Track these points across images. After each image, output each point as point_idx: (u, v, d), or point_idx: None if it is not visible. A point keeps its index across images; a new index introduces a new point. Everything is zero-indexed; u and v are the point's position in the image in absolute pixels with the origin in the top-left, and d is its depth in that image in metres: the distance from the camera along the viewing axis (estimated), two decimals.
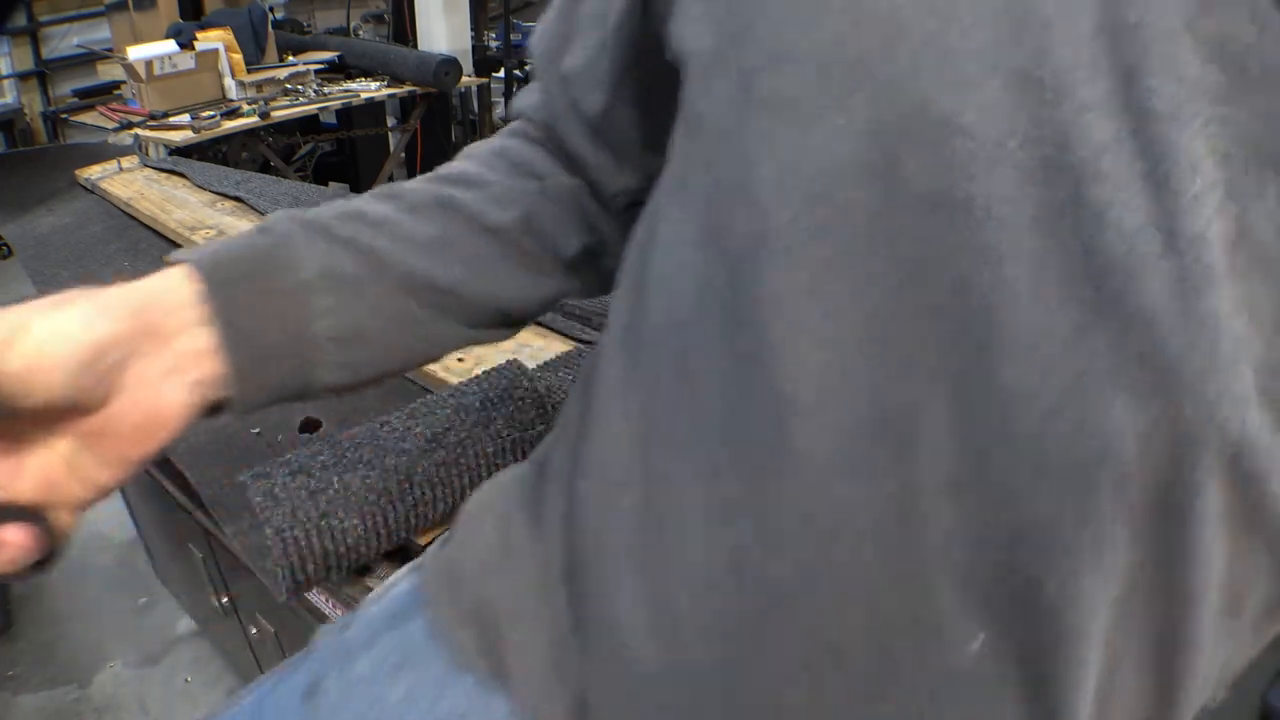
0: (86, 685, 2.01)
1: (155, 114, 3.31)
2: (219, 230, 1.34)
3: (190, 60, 3.39)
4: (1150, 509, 0.31)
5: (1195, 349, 0.28)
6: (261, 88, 3.65)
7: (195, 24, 3.73)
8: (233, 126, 3.32)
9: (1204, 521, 0.31)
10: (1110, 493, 0.30)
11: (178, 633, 2.17)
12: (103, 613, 2.24)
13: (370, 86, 3.97)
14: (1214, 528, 0.31)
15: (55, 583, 2.34)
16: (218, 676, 2.04)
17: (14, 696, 1.98)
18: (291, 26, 5.33)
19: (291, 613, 1.13)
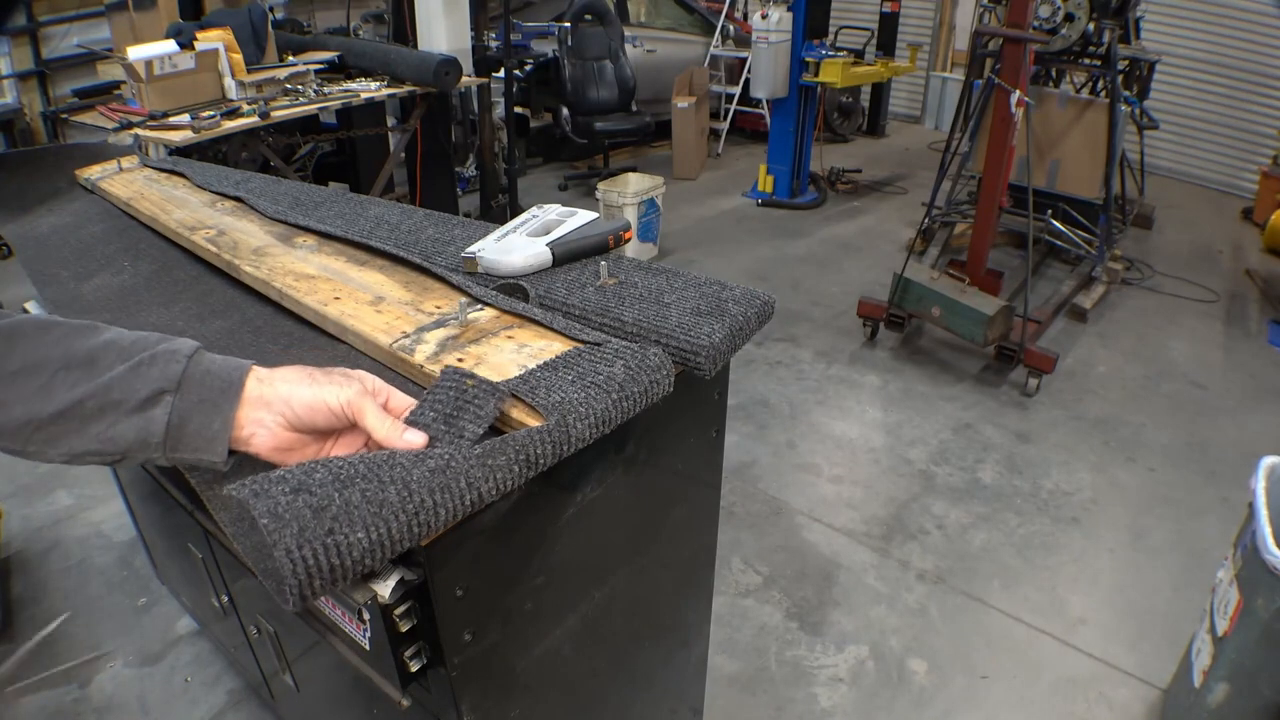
0: (86, 685, 2.01)
1: (155, 114, 3.31)
2: (219, 230, 1.34)
3: (190, 60, 3.39)
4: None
5: None
6: (261, 88, 3.65)
7: (195, 24, 3.73)
8: (233, 126, 3.32)
9: None
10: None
11: (178, 633, 2.18)
12: (103, 613, 2.24)
13: (370, 86, 3.97)
14: None
15: (55, 583, 2.34)
16: (217, 676, 2.04)
17: (14, 697, 1.98)
18: (291, 26, 5.33)
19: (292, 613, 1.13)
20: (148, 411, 0.68)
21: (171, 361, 0.70)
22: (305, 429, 0.72)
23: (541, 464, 0.75)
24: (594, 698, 1.15)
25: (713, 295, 1.06)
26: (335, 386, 0.72)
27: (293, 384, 0.72)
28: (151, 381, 0.68)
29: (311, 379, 0.72)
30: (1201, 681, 1.76)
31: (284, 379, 0.72)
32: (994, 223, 3.66)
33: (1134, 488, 2.87)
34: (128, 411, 0.67)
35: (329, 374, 0.74)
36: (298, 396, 0.71)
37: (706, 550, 1.32)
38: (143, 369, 0.69)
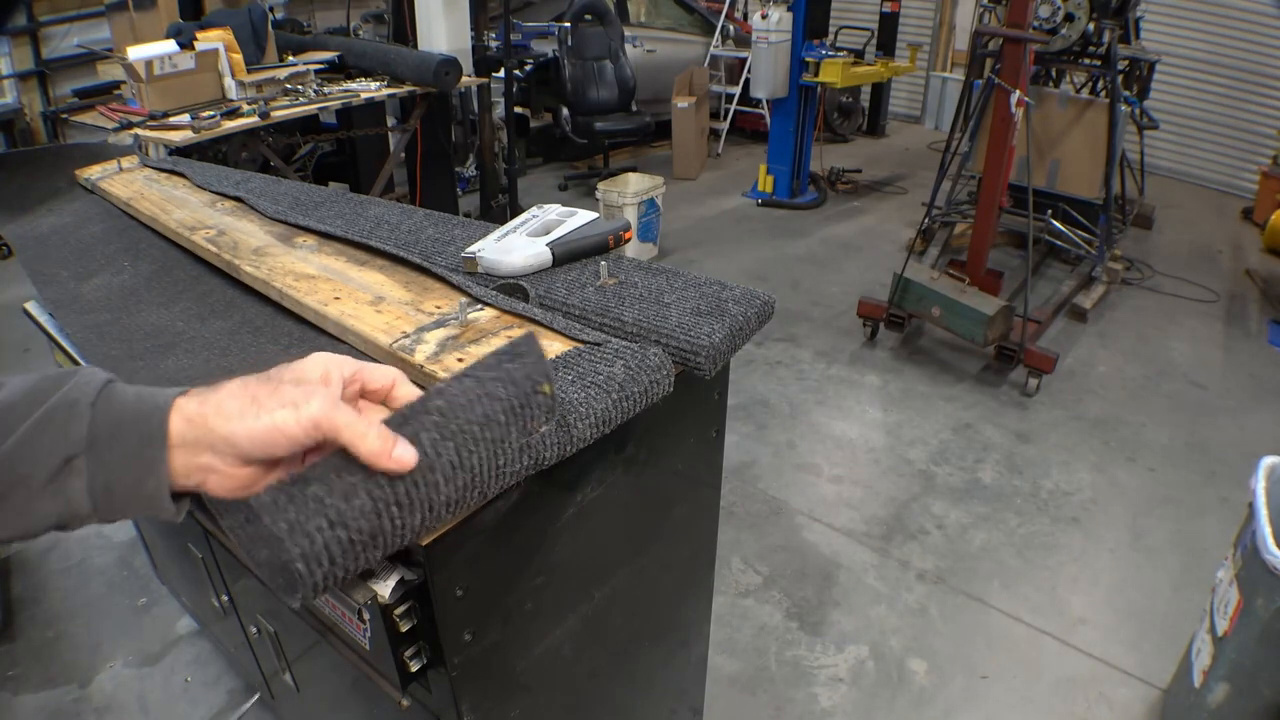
0: (86, 685, 2.01)
1: (155, 114, 3.31)
2: (219, 230, 1.34)
3: (190, 60, 3.39)
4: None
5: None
6: (261, 88, 3.65)
7: (195, 24, 3.73)
8: (233, 126, 3.32)
9: None
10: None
11: (178, 633, 2.18)
12: (103, 613, 2.24)
13: (370, 86, 3.96)
14: None
15: (55, 583, 2.34)
16: (218, 676, 2.04)
17: (14, 696, 1.98)
18: (291, 26, 5.33)
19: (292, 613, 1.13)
20: (61, 482, 0.55)
21: (72, 417, 0.56)
22: (265, 461, 0.60)
23: (544, 463, 0.75)
24: (594, 698, 1.15)
25: (713, 295, 1.06)
26: (288, 409, 0.58)
27: (232, 418, 0.57)
28: (54, 448, 0.55)
29: (255, 403, 0.58)
30: (1201, 681, 1.76)
31: (219, 411, 0.58)
32: (994, 223, 3.66)
33: (1134, 488, 2.87)
34: (38, 488, 0.55)
35: (276, 387, 0.59)
36: (242, 433, 0.57)
37: (706, 550, 1.32)
38: (40, 432, 0.55)
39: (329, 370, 0.62)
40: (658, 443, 1.06)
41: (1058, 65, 4.59)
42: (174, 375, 0.98)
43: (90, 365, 0.63)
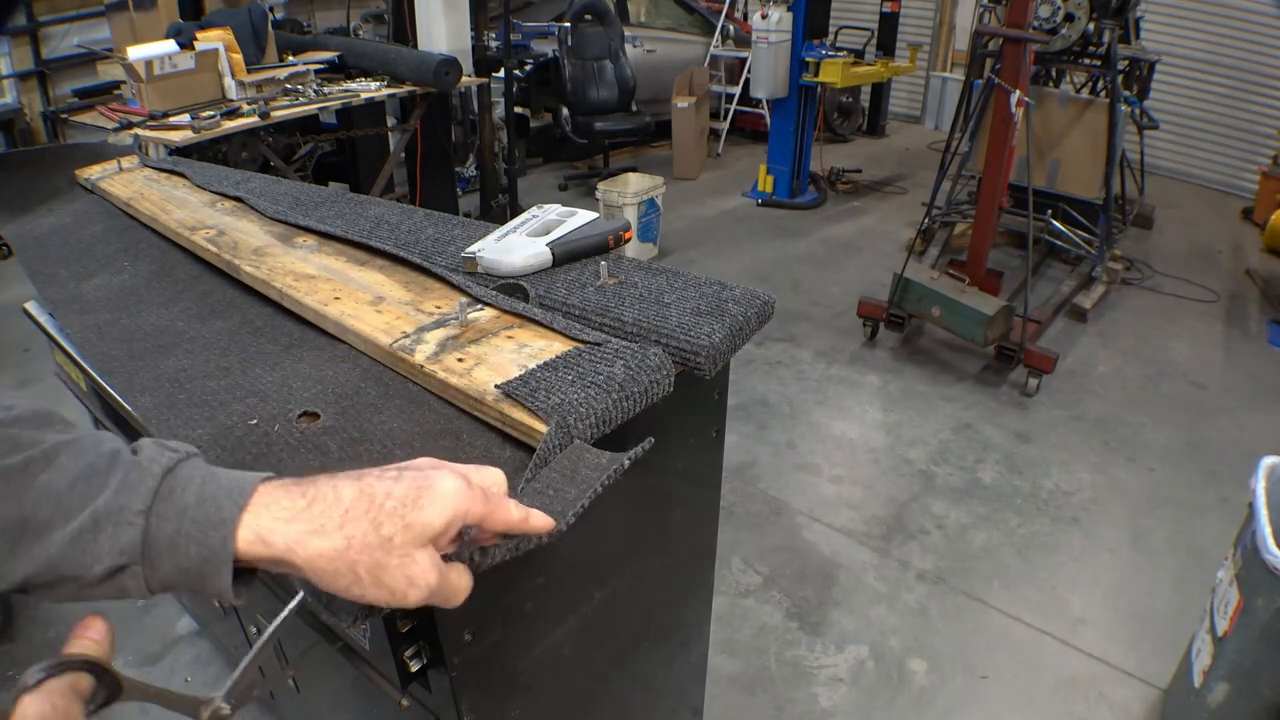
0: None
1: (155, 114, 3.31)
2: (219, 230, 1.34)
3: (190, 60, 3.39)
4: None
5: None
6: (261, 88, 3.65)
7: (195, 24, 3.73)
8: (233, 126, 3.32)
9: None
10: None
11: (178, 633, 2.17)
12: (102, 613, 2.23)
13: (370, 86, 3.96)
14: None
15: None
16: (217, 676, 2.03)
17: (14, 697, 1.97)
18: (291, 26, 5.33)
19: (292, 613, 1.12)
20: (117, 582, 0.51)
21: (121, 524, 0.50)
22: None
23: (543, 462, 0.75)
24: (594, 698, 1.15)
25: (713, 295, 1.06)
26: (385, 592, 0.51)
27: (323, 574, 0.51)
28: (103, 556, 0.50)
29: (354, 572, 0.51)
30: (1201, 681, 1.76)
31: (308, 553, 0.50)
32: (994, 223, 3.66)
33: (1134, 488, 2.87)
34: (91, 583, 0.51)
35: (386, 558, 0.51)
36: (327, 585, 0.51)
37: (707, 550, 1.32)
38: (89, 540, 0.50)
39: (454, 518, 0.54)
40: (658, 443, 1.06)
41: (1058, 65, 4.59)
42: (174, 375, 0.98)
43: (152, 440, 0.54)
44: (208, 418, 0.88)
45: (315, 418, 0.87)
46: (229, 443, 0.84)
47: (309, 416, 0.88)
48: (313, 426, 0.86)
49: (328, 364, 0.98)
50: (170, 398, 0.93)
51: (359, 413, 0.88)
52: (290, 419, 0.87)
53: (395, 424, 0.86)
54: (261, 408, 0.89)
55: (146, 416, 0.90)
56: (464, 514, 0.55)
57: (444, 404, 0.89)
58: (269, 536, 0.51)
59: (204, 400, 0.92)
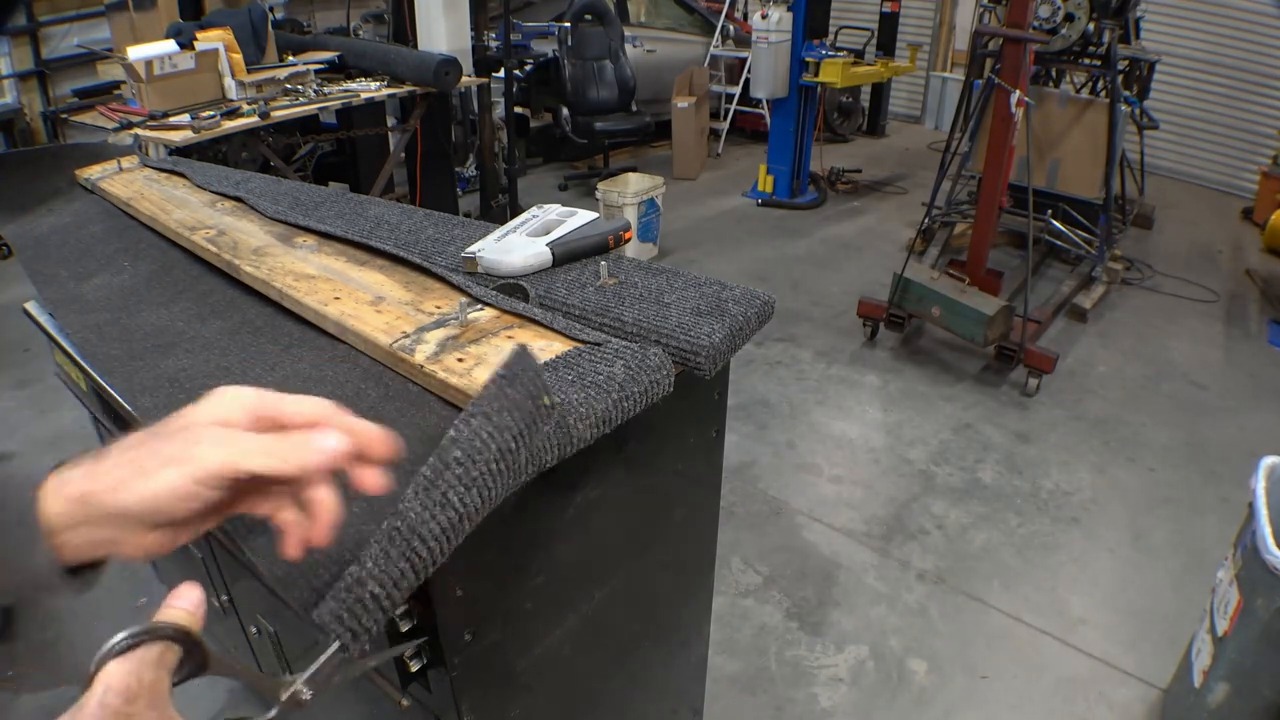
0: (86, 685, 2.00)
1: (155, 114, 3.31)
2: (219, 230, 1.34)
3: (190, 60, 3.39)
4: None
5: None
6: (261, 88, 3.65)
7: (195, 24, 3.73)
8: (233, 126, 3.32)
9: None
10: None
11: None
12: (102, 613, 2.23)
13: (370, 86, 3.96)
14: None
15: None
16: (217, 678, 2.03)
17: (14, 697, 1.97)
18: (291, 26, 5.33)
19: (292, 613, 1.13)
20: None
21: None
22: (177, 522, 0.52)
23: (544, 465, 0.75)
24: (594, 698, 1.15)
25: (713, 295, 1.06)
26: (171, 467, 0.50)
27: (119, 489, 0.50)
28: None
29: (136, 467, 0.51)
30: (1201, 681, 1.76)
31: (106, 484, 0.51)
32: (994, 223, 3.66)
33: (1134, 488, 2.87)
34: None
35: (158, 444, 0.51)
36: (133, 503, 0.50)
37: (706, 550, 1.32)
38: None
39: (225, 409, 0.54)
40: (658, 443, 1.06)
41: (1058, 65, 4.59)
42: (174, 375, 0.98)
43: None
44: None
45: None
46: None
47: None
48: None
49: (328, 364, 0.98)
50: (170, 398, 0.93)
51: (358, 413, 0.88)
52: None
53: (395, 425, 0.85)
54: None
55: (146, 417, 0.90)
56: (235, 399, 0.54)
57: (444, 404, 0.89)
58: (74, 491, 0.51)
59: None
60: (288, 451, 0.51)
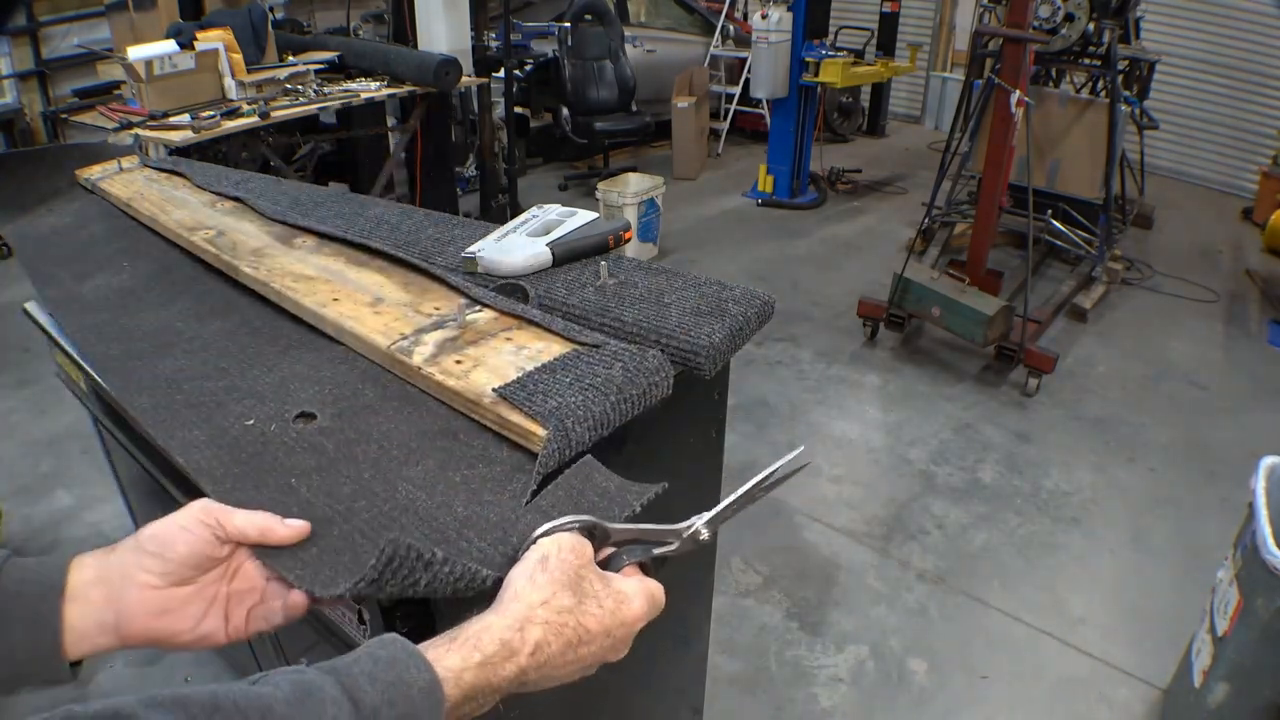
0: (86, 685, 2.01)
1: (155, 114, 3.31)
2: (218, 230, 1.33)
3: (190, 60, 3.39)
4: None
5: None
6: (261, 88, 3.65)
7: (195, 24, 3.73)
8: (233, 126, 3.32)
9: None
10: None
11: None
12: None
13: (370, 86, 3.96)
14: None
15: None
16: (217, 676, 2.03)
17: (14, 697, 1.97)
18: (291, 26, 5.33)
19: None
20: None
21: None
22: (181, 569, 0.62)
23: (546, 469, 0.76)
24: (594, 697, 1.15)
25: (713, 295, 1.06)
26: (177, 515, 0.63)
27: (133, 539, 0.63)
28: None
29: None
30: (1201, 681, 1.76)
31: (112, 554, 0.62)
32: (994, 223, 3.66)
33: (1134, 488, 2.87)
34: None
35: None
36: (145, 534, 0.63)
37: (706, 551, 1.32)
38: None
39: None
40: (658, 443, 1.05)
41: (1058, 65, 4.59)
42: (172, 375, 0.98)
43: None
44: (204, 418, 0.88)
45: (312, 418, 0.87)
46: (225, 442, 0.83)
47: (306, 417, 0.87)
48: (309, 427, 0.86)
49: (326, 365, 0.98)
50: (168, 398, 0.93)
51: (356, 414, 0.88)
52: (287, 419, 0.87)
53: (392, 425, 0.86)
54: (259, 409, 0.89)
55: (144, 417, 0.90)
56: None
57: (442, 406, 0.89)
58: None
59: (201, 401, 0.91)
60: (262, 527, 0.65)
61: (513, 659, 0.55)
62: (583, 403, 0.80)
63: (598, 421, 0.80)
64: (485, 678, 0.54)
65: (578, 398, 0.80)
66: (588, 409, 0.80)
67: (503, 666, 0.54)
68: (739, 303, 1.04)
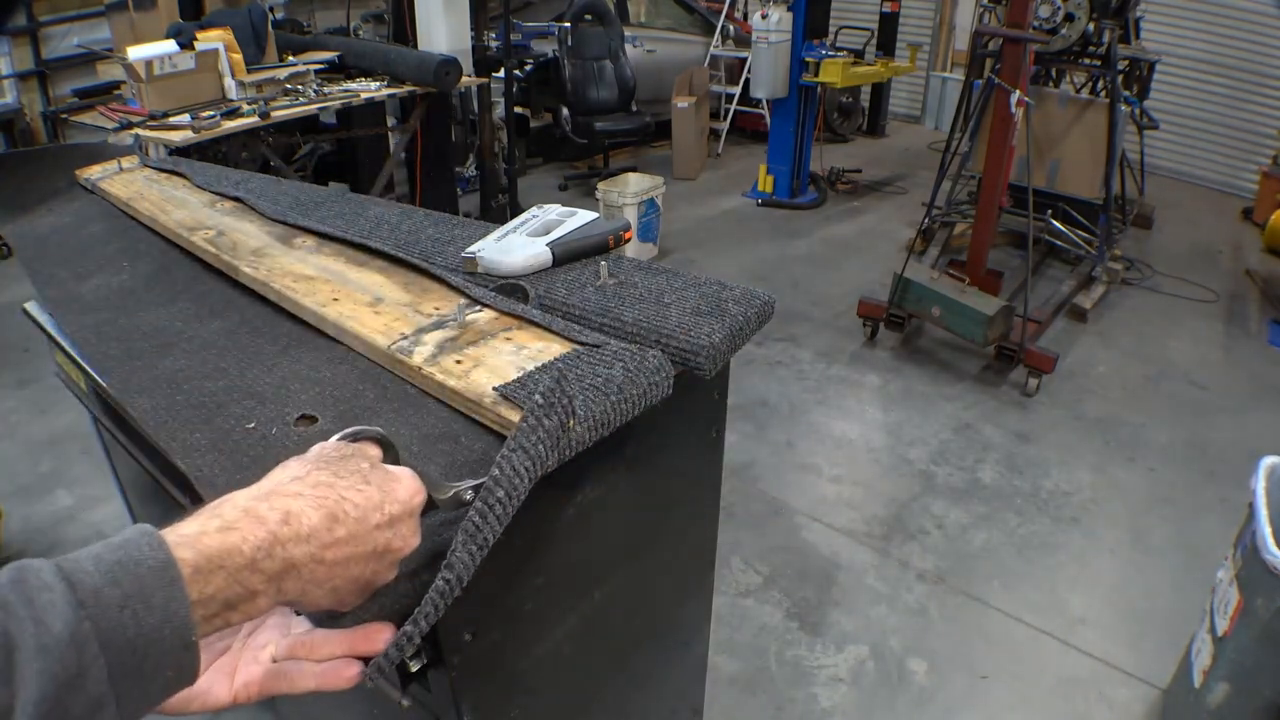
0: None
1: (155, 114, 3.31)
2: (218, 230, 1.33)
3: (190, 60, 3.39)
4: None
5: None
6: (261, 88, 3.65)
7: (195, 24, 3.73)
8: (233, 126, 3.32)
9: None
10: None
11: None
12: None
13: (370, 86, 3.96)
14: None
15: None
16: None
17: None
18: (291, 26, 5.33)
19: None
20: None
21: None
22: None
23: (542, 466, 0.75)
24: (594, 698, 1.15)
25: (713, 295, 1.06)
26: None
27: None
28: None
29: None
30: (1201, 681, 1.76)
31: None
32: (994, 223, 3.66)
33: (1134, 488, 2.87)
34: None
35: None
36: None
37: (707, 550, 1.32)
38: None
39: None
40: (658, 443, 1.05)
41: (1058, 65, 4.59)
42: (172, 375, 0.98)
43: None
44: (205, 420, 0.88)
45: (313, 420, 0.87)
46: (226, 446, 0.83)
47: (307, 419, 0.87)
48: (310, 430, 0.86)
49: (326, 366, 0.98)
50: (168, 399, 0.93)
51: (357, 415, 0.88)
52: (288, 422, 0.87)
53: (393, 427, 0.85)
54: (259, 410, 0.89)
55: (144, 418, 0.90)
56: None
57: (442, 406, 0.89)
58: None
59: (201, 402, 0.91)
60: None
61: (262, 525, 0.49)
62: (583, 402, 0.80)
63: (598, 422, 0.80)
64: (232, 544, 0.48)
65: (578, 397, 0.80)
66: (588, 409, 0.80)
67: (251, 533, 0.49)
68: (739, 303, 1.04)
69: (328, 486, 0.54)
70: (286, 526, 0.50)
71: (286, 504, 0.51)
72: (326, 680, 0.61)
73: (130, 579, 0.44)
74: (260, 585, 0.49)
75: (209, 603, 0.47)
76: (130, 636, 0.43)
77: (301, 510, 0.52)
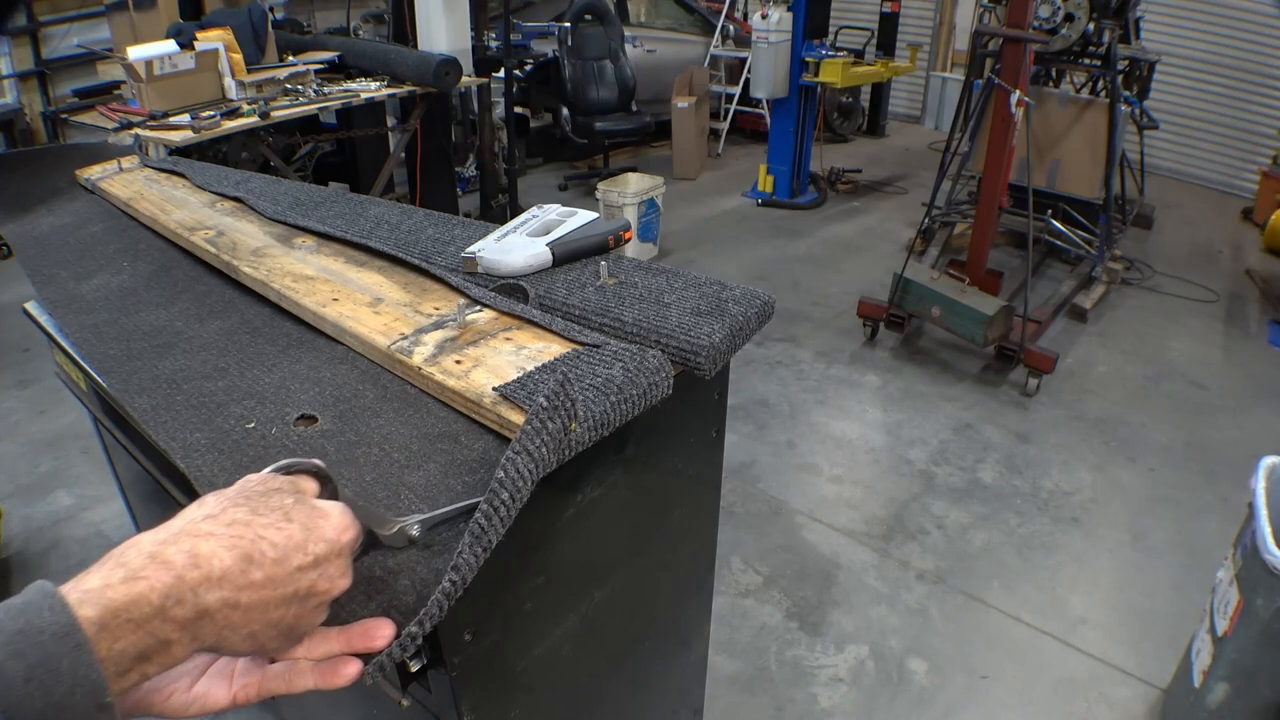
0: None
1: (155, 114, 3.31)
2: (218, 230, 1.34)
3: (190, 60, 3.39)
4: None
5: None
6: (261, 88, 3.65)
7: (195, 24, 3.73)
8: (233, 126, 3.32)
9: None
10: None
11: None
12: None
13: (370, 86, 3.96)
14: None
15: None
16: None
17: None
18: (291, 26, 5.33)
19: None
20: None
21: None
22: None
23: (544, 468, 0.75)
24: (594, 698, 1.15)
25: (713, 295, 1.06)
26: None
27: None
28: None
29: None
30: (1201, 681, 1.76)
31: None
32: (994, 223, 3.66)
33: (1134, 488, 2.87)
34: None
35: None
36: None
37: (706, 550, 1.32)
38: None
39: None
40: (658, 443, 1.06)
41: (1058, 65, 4.59)
42: (172, 375, 0.98)
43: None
44: (205, 420, 0.88)
45: (313, 421, 0.87)
46: (226, 446, 0.83)
47: (306, 420, 0.87)
48: (310, 430, 0.86)
49: (326, 366, 0.98)
50: (168, 399, 0.93)
51: (357, 416, 0.88)
52: (288, 422, 0.87)
53: (393, 427, 0.86)
54: (259, 410, 0.89)
55: (145, 418, 0.90)
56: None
57: (442, 406, 0.89)
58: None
59: (201, 402, 0.91)
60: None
61: (168, 570, 0.46)
62: (583, 402, 0.80)
63: (598, 422, 0.80)
64: (139, 593, 0.45)
65: (577, 397, 0.80)
66: (588, 409, 0.80)
67: (158, 580, 0.46)
68: (739, 303, 1.04)
69: (244, 525, 0.51)
70: (195, 570, 0.47)
71: (196, 545, 0.48)
72: (325, 679, 0.60)
73: (33, 649, 0.41)
74: (173, 634, 0.46)
75: (120, 659, 0.44)
76: (39, 708, 0.41)
77: (213, 551, 0.48)
